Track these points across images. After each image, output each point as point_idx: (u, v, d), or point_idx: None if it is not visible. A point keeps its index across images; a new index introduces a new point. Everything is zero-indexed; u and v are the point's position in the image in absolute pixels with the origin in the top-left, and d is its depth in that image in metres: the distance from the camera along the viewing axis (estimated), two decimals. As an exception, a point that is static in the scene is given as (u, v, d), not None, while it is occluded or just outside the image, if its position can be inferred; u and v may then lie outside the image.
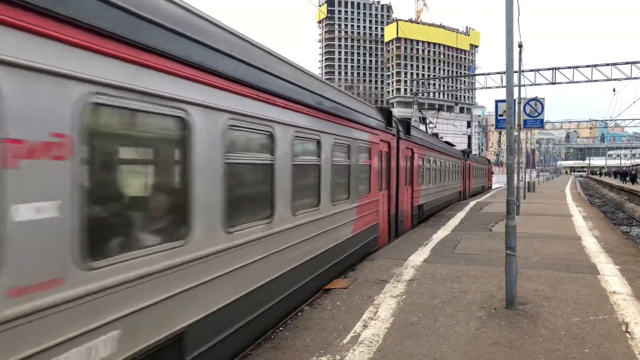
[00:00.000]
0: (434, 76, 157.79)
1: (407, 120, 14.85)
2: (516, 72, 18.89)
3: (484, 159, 47.82)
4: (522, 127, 21.91)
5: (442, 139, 27.20)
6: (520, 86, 20.96)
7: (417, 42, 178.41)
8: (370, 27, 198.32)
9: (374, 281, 7.66)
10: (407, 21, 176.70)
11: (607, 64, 32.09)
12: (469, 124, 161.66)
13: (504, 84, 20.26)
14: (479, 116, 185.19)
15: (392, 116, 11.94)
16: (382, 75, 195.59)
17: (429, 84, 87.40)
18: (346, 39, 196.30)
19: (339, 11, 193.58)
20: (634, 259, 9.59)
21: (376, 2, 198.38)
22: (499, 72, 34.29)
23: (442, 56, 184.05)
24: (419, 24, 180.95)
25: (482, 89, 37.23)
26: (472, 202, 24.68)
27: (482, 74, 36.93)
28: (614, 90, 38.83)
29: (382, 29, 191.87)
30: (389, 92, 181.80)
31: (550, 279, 7.81)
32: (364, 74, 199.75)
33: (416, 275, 8.09)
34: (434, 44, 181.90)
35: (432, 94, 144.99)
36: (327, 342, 5.12)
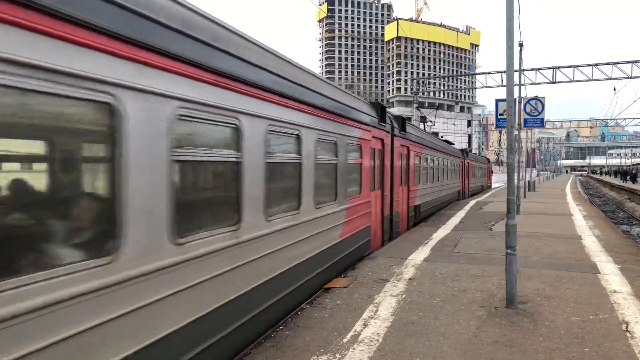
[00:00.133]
0: (435, 75, 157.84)
1: (404, 117, 14.35)
2: (516, 71, 18.86)
3: (484, 158, 47.71)
4: (523, 126, 21.93)
5: (442, 138, 26.94)
6: (520, 85, 20.96)
7: (418, 41, 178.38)
8: (370, 26, 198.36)
9: (374, 280, 7.66)
10: (407, 20, 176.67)
11: (608, 63, 32.11)
12: (470, 123, 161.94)
13: (505, 83, 20.28)
14: (480, 115, 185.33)
15: (386, 112, 11.42)
16: (382, 74, 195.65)
17: (430, 83, 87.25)
18: (346, 38, 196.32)
19: (339, 10, 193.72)
20: (634, 258, 9.59)
21: (376, 1, 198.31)
22: (499, 72, 34.29)
23: (442, 55, 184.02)
24: (419, 23, 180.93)
25: (482, 88, 37.24)
26: (473, 201, 24.69)
27: (483, 73, 36.96)
28: (615, 89, 38.89)
29: (383, 28, 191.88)
30: (389, 91, 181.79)
31: (550, 278, 7.81)
32: (365, 73, 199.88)
33: (416, 274, 8.10)
34: (435, 43, 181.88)
35: (432, 93, 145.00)
36: (327, 341, 5.12)
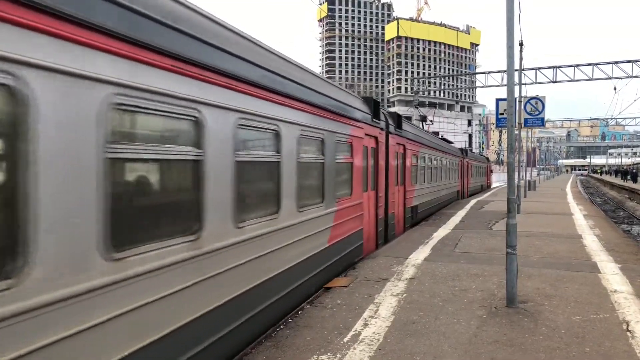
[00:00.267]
0: (435, 75, 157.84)
1: (400, 113, 13.80)
2: (517, 70, 18.83)
3: (483, 157, 47.50)
4: (523, 125, 21.93)
5: (441, 137, 26.67)
6: (520, 85, 20.95)
7: (418, 40, 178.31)
8: (371, 26, 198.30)
9: (375, 279, 7.66)
10: (407, 20, 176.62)
11: (608, 62, 32.13)
12: (470, 123, 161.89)
13: (505, 83, 20.31)
14: (480, 115, 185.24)
15: (380, 108, 10.88)
16: (382, 73, 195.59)
17: (430, 83, 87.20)
18: (347, 38, 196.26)
19: (340, 9, 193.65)
20: (634, 257, 9.58)
21: (377, 1, 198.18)
22: (499, 71, 34.31)
23: (442, 55, 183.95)
24: (419, 22, 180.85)
25: (482, 87, 37.23)
26: (473, 201, 24.69)
27: (483, 73, 36.96)
28: (615, 88, 38.92)
29: (383, 28, 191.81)
30: (389, 90, 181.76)
31: (550, 277, 7.81)
32: (365, 72, 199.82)
33: (417, 273, 8.10)
34: (435, 43, 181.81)
35: (433, 93, 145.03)
36: (327, 341, 5.12)
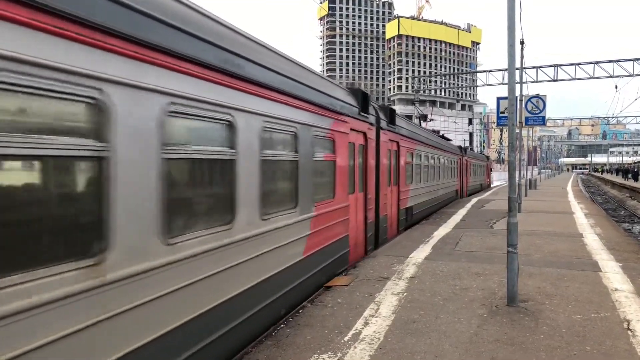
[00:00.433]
0: (436, 73, 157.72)
1: (393, 108, 12.71)
2: (518, 69, 18.84)
3: (483, 156, 47.20)
4: (524, 124, 21.91)
5: (441, 135, 26.30)
6: (522, 83, 20.93)
7: (419, 39, 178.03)
8: (371, 24, 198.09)
9: (375, 278, 7.66)
10: (408, 18, 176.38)
11: (610, 61, 32.05)
12: (471, 122, 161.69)
13: (506, 81, 20.30)
14: (481, 113, 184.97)
15: (369, 101, 9.92)
16: (383, 72, 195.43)
17: (431, 81, 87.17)
18: (347, 36, 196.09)
19: (340, 8, 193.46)
20: (635, 256, 9.58)
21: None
22: (500, 70, 34.28)
23: (443, 53, 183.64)
24: (420, 20, 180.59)
25: (483, 86, 37.19)
26: (474, 200, 24.67)
27: (484, 71, 36.91)
28: (616, 87, 38.91)
29: (384, 26, 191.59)
30: (390, 89, 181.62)
31: (551, 276, 7.80)
32: (366, 71, 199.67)
33: (417, 272, 8.09)
34: (436, 41, 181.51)
35: (433, 91, 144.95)
36: (328, 340, 5.12)
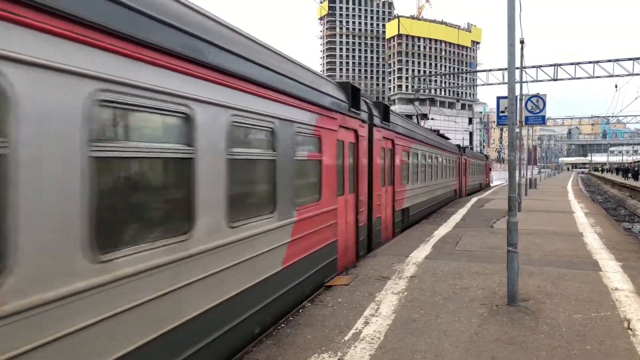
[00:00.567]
0: (436, 73, 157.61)
1: (387, 104, 11.88)
2: (518, 68, 18.82)
3: (482, 155, 46.95)
4: (524, 123, 21.91)
5: (439, 133, 26.00)
6: (522, 83, 20.93)
7: (419, 38, 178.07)
8: (371, 24, 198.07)
9: (376, 278, 7.66)
10: (408, 17, 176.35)
11: (609, 60, 32.05)
12: (471, 121, 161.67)
13: (506, 81, 20.30)
14: (481, 113, 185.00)
15: (361, 96, 9.35)
16: (383, 72, 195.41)
17: (431, 81, 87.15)
18: (347, 36, 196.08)
19: (340, 7, 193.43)
20: (635, 255, 9.57)
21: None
22: (500, 69, 34.29)
23: (443, 53, 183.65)
24: (420, 20, 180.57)
25: (483, 85, 37.20)
26: (474, 199, 24.68)
27: (484, 71, 36.94)
28: (616, 86, 38.92)
29: (384, 26, 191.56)
30: (390, 88, 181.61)
31: (552, 275, 7.80)
32: (366, 70, 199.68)
33: (418, 271, 8.10)
34: (436, 41, 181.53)
35: (433, 91, 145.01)
36: (328, 339, 5.12)
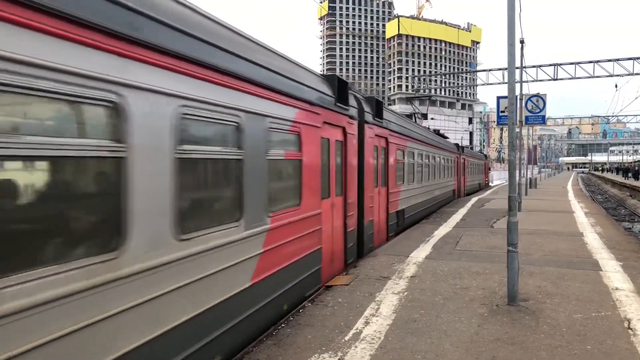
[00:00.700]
0: (436, 72, 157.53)
1: (380, 99, 10.96)
2: (518, 68, 18.83)
3: (481, 154, 46.71)
4: (524, 123, 21.90)
5: (437, 132, 25.56)
6: (522, 82, 20.92)
7: (419, 38, 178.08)
8: (371, 24, 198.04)
9: (376, 278, 7.66)
10: (408, 17, 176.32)
11: (609, 60, 32.03)
12: (471, 121, 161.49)
13: (506, 80, 20.30)
14: (481, 112, 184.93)
15: (349, 90, 8.60)
16: (383, 71, 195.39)
17: (431, 81, 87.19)
18: (347, 36, 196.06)
19: (340, 7, 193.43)
20: (635, 255, 9.57)
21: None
22: (500, 69, 34.26)
23: (443, 52, 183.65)
24: (420, 20, 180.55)
25: (483, 85, 37.19)
26: (474, 199, 24.67)
27: (484, 70, 36.93)
28: (616, 86, 38.93)
29: (384, 26, 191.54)
30: (390, 88, 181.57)
31: (552, 275, 7.80)
32: (366, 70, 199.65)
33: (418, 271, 8.09)
34: (436, 40, 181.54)
35: (433, 91, 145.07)
36: (328, 339, 5.12)
